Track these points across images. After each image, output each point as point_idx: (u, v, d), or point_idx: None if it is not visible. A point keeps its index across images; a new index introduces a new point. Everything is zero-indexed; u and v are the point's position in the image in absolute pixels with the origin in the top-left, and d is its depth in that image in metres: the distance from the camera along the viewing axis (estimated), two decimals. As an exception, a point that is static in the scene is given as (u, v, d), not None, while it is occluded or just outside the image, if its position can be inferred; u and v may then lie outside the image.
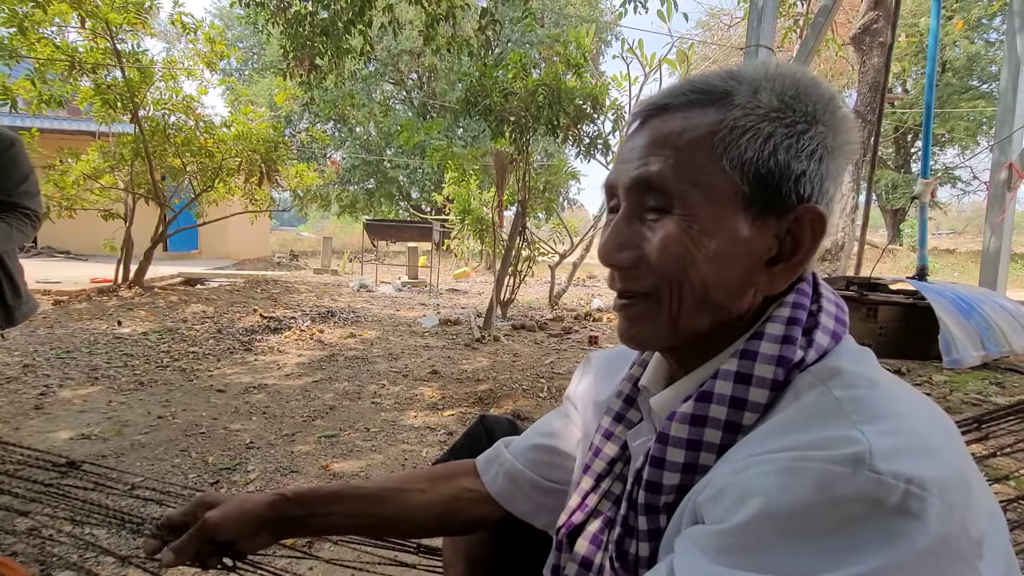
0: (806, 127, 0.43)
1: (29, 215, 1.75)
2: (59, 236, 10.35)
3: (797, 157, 0.43)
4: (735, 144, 0.43)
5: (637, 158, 0.46)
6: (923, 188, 4.31)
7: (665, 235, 0.44)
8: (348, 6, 4.85)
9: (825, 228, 0.44)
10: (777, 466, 0.35)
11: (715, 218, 0.44)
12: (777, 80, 0.44)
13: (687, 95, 0.46)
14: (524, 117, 5.02)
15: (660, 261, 0.45)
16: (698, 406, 0.44)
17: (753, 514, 0.34)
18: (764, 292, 0.46)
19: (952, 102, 16.34)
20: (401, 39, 6.81)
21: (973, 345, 3.48)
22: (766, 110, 0.43)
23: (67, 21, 5.32)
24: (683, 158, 0.44)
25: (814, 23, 4.18)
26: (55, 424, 2.45)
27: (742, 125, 0.43)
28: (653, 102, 0.48)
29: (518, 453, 0.69)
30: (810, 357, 0.43)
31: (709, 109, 0.45)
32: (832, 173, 0.45)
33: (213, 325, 4.76)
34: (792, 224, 0.45)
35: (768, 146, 0.43)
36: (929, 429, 0.36)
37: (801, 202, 0.44)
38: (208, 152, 6.39)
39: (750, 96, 0.44)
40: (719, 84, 0.45)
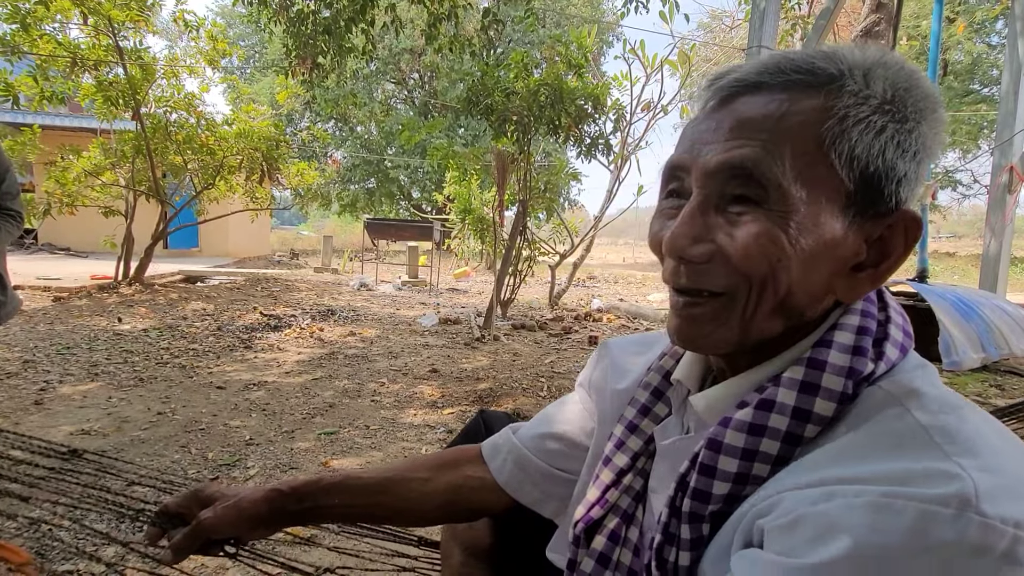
0: (914, 125, 0.40)
1: (12, 215, 1.75)
2: (60, 233, 10.37)
3: (903, 157, 0.40)
4: (845, 136, 0.39)
5: (723, 140, 0.41)
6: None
7: (758, 232, 0.39)
8: (350, 5, 4.85)
9: (919, 235, 0.41)
10: (867, 500, 0.32)
11: (814, 216, 0.39)
12: (891, 68, 0.40)
13: (787, 74, 0.41)
14: (526, 117, 5.03)
15: (746, 259, 0.40)
16: (758, 414, 0.41)
17: (838, 554, 0.31)
18: (845, 299, 0.43)
19: (954, 105, 16.35)
20: (403, 38, 6.83)
21: (973, 347, 3.48)
22: (879, 101, 0.39)
23: (69, 18, 5.33)
24: (785, 145, 0.39)
25: (815, 25, 4.19)
26: (55, 419, 2.46)
27: (854, 115, 0.39)
28: (741, 77, 0.42)
29: (527, 440, 0.66)
30: (880, 370, 0.40)
31: (813, 93, 0.40)
32: (923, 178, 0.42)
33: (213, 322, 4.77)
34: (885, 229, 0.41)
35: (879, 142, 0.39)
36: (1018, 464, 0.33)
37: (899, 206, 0.41)
38: (209, 150, 6.40)
39: (862, 83, 0.39)
40: (825, 66, 0.40)
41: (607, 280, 11.43)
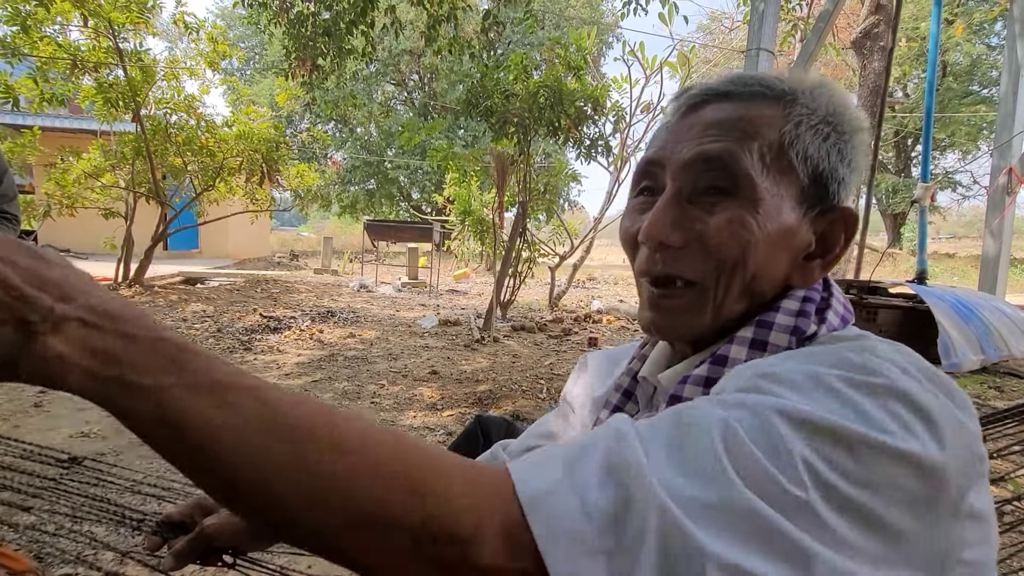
0: (849, 137, 0.46)
1: (9, 219, 1.75)
2: (60, 234, 10.36)
3: (842, 162, 0.46)
4: (801, 138, 0.44)
5: (697, 137, 0.45)
6: (923, 192, 4.31)
7: (731, 216, 0.44)
8: (350, 7, 4.86)
9: (856, 229, 0.47)
10: (791, 352, 0.40)
11: (777, 205, 0.44)
12: (830, 89, 0.47)
13: (750, 86, 0.46)
14: (525, 119, 5.03)
15: (720, 243, 0.44)
16: (712, 368, 0.44)
17: (766, 371, 0.36)
18: (800, 285, 0.47)
19: (953, 106, 16.36)
20: (402, 39, 6.84)
21: (972, 349, 3.48)
22: (824, 113, 0.45)
23: (69, 20, 5.34)
24: (753, 142, 0.44)
25: (815, 28, 4.20)
26: (54, 422, 2.46)
27: (806, 122, 0.45)
28: (712, 88, 0.47)
29: (515, 455, 0.68)
30: (821, 331, 0.44)
31: (772, 103, 0.45)
32: (854, 186, 0.47)
33: (213, 324, 4.77)
34: (829, 224, 0.46)
35: (826, 146, 0.45)
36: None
37: (839, 203, 0.47)
38: (209, 151, 6.41)
39: (810, 99, 0.46)
40: (779, 84, 0.46)
41: (607, 281, 11.44)
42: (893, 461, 0.31)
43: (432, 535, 0.29)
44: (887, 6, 7.89)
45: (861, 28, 8.21)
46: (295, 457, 0.29)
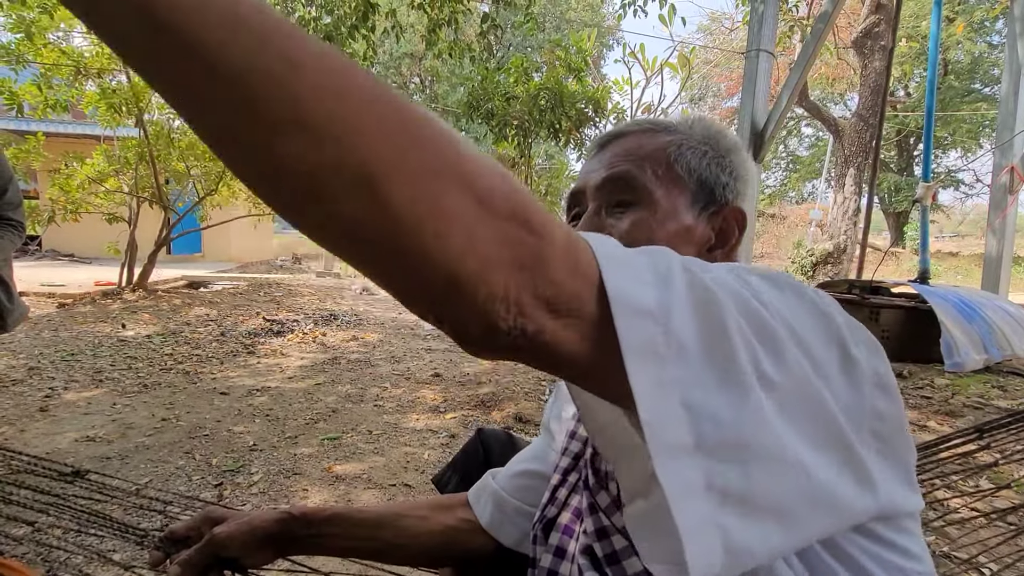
0: (724, 155, 0.58)
1: (14, 225, 1.76)
2: (64, 239, 10.42)
3: (722, 172, 0.57)
4: (682, 155, 0.56)
5: (604, 166, 0.57)
6: (924, 191, 4.31)
7: (633, 220, 0.54)
8: (352, 12, 4.88)
9: (746, 222, 0.57)
10: None
11: (671, 208, 0.54)
12: (706, 123, 0.59)
13: (640, 125, 0.59)
14: (526, 121, 5.05)
15: (630, 238, 0.52)
16: None
17: None
18: None
19: (954, 105, 16.32)
20: (403, 43, 6.86)
21: (975, 348, 3.48)
22: (700, 138, 0.58)
23: (72, 27, 5.37)
24: (647, 162, 0.55)
25: (814, 29, 4.19)
26: (60, 426, 2.47)
27: (686, 144, 0.57)
28: (612, 132, 0.60)
29: (503, 481, 0.71)
30: None
31: (660, 134, 0.58)
32: (743, 192, 0.58)
33: (216, 328, 4.79)
34: (723, 221, 0.56)
35: (705, 159, 0.56)
36: None
37: (728, 204, 0.57)
38: (212, 156, 6.43)
39: (688, 129, 0.58)
40: (661, 121, 0.59)
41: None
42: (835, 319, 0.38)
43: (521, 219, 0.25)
44: (887, 5, 7.89)
45: (861, 27, 8.21)
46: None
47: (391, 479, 2.08)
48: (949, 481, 1.79)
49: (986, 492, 1.38)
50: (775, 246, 17.34)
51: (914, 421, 2.86)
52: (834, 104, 18.73)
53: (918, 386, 3.52)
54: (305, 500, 1.89)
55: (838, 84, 13.81)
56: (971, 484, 1.42)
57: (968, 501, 1.43)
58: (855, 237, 8.73)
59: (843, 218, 8.91)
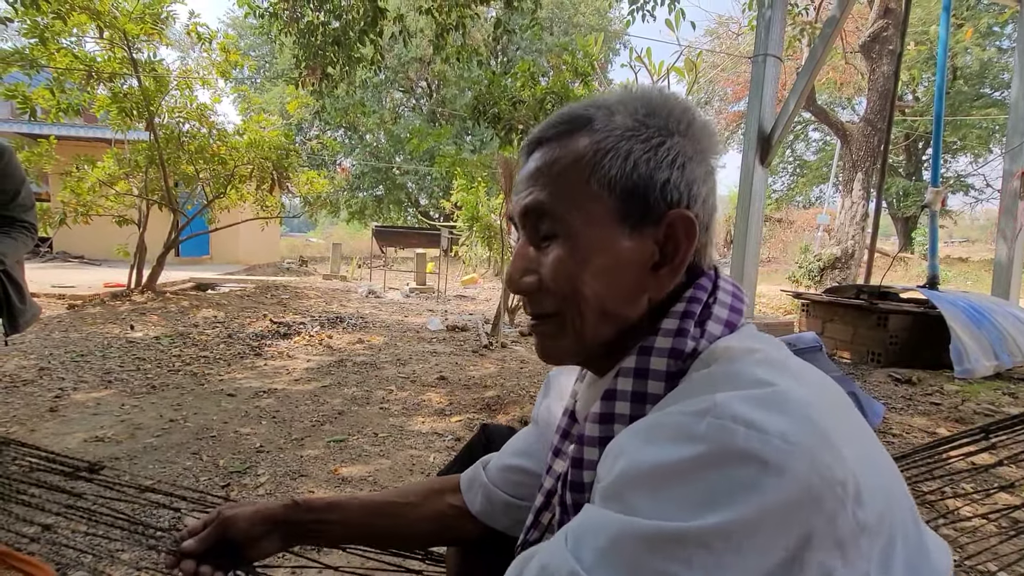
0: (662, 140, 0.47)
1: (28, 227, 1.79)
2: (74, 241, 10.54)
3: (659, 168, 0.46)
4: (599, 166, 0.46)
5: (524, 189, 0.50)
6: (933, 196, 4.28)
7: (554, 258, 0.48)
8: (360, 17, 4.92)
9: (695, 229, 0.46)
10: (643, 425, 0.39)
11: (596, 236, 0.47)
12: (630, 102, 0.48)
13: (557, 127, 0.50)
14: (532, 125, 5.05)
15: (554, 283, 0.48)
16: (605, 404, 0.46)
17: (623, 468, 0.37)
18: (655, 296, 0.48)
19: (964, 110, 16.22)
20: (411, 47, 6.91)
21: (985, 355, 3.45)
22: (622, 130, 0.47)
23: (85, 31, 5.44)
24: (558, 185, 0.48)
25: (822, 33, 4.19)
26: (69, 426, 2.49)
27: (604, 147, 0.47)
28: (533, 136, 0.51)
29: (493, 473, 0.71)
30: (702, 346, 0.45)
31: (577, 136, 0.48)
32: (699, 176, 0.48)
33: (224, 330, 4.82)
34: (666, 229, 0.47)
35: (628, 163, 0.46)
36: (792, 391, 0.36)
37: (672, 208, 0.47)
38: (221, 159, 6.49)
39: (607, 120, 0.48)
40: (581, 112, 0.49)
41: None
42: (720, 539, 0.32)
43: None
44: (896, 10, 7.86)
45: (870, 32, 8.18)
46: None
47: (397, 481, 2.09)
48: (958, 489, 1.77)
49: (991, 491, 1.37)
50: (782, 251, 17.25)
51: (923, 428, 2.84)
52: (842, 108, 18.66)
53: (927, 392, 3.49)
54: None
55: (846, 88, 13.76)
56: (978, 489, 1.41)
57: (977, 510, 1.42)
58: (863, 242, 8.68)
59: (851, 223, 8.86)
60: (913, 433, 2.76)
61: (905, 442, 2.61)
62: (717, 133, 0.50)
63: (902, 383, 3.69)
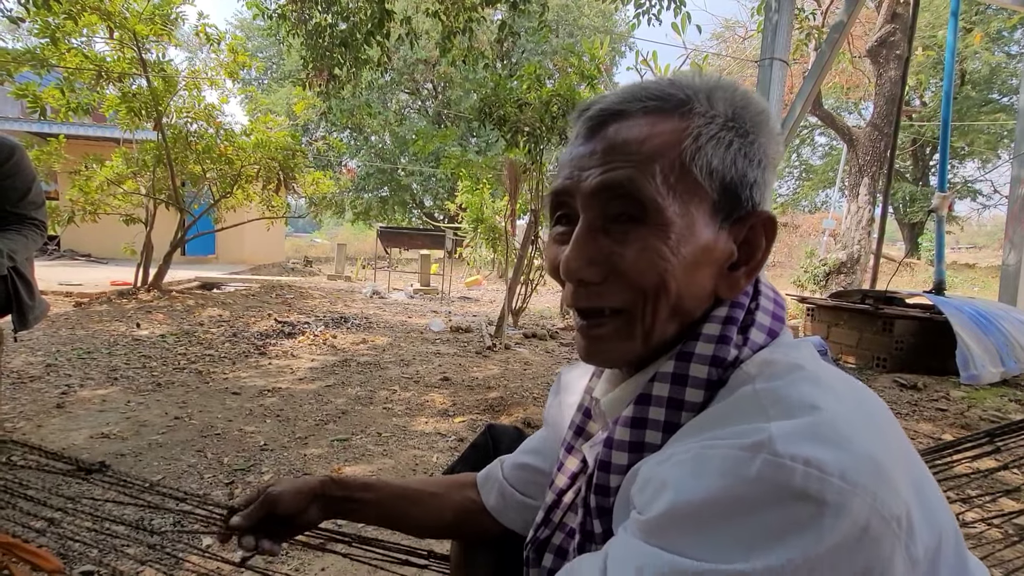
0: (754, 137, 0.45)
1: (37, 225, 1.80)
2: (81, 240, 10.62)
3: (750, 166, 0.44)
4: (702, 152, 0.43)
5: (599, 164, 0.44)
6: (940, 202, 4.26)
7: (643, 246, 0.43)
8: (367, 18, 4.95)
9: (776, 232, 0.45)
10: (689, 456, 0.36)
11: (689, 226, 0.43)
12: (728, 90, 0.45)
13: (643, 101, 0.45)
14: (537, 128, 5.07)
15: (638, 275, 0.43)
16: (638, 409, 0.44)
17: (667, 505, 0.35)
18: (726, 296, 0.46)
19: (972, 115, 16.14)
20: (417, 49, 6.93)
21: (992, 361, 3.43)
22: (724, 119, 0.44)
23: (95, 32, 5.49)
24: (654, 165, 0.43)
25: (829, 37, 4.18)
26: (76, 423, 2.51)
27: (706, 133, 0.43)
28: (607, 107, 0.46)
29: (508, 470, 0.72)
30: (744, 355, 0.43)
31: (669, 116, 0.44)
32: (771, 182, 0.47)
33: (229, 329, 4.84)
34: (748, 230, 0.45)
35: (730, 154, 0.43)
36: (843, 418, 0.35)
37: (755, 208, 0.45)
38: (228, 159, 6.53)
39: (707, 105, 0.44)
40: (674, 92, 0.45)
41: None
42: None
43: None
44: (903, 15, 7.84)
45: (877, 36, 8.16)
46: None
47: (399, 481, 2.09)
48: (963, 494, 1.76)
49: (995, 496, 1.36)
50: (787, 255, 17.19)
51: (928, 434, 2.82)
52: (848, 113, 18.60)
53: (933, 398, 3.47)
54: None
55: (852, 93, 13.72)
56: (982, 494, 1.40)
57: (982, 515, 1.41)
58: (869, 247, 8.64)
59: (857, 228, 8.82)
60: (919, 439, 2.74)
61: (910, 448, 2.59)
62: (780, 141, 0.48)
63: (908, 389, 3.67)
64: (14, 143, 1.76)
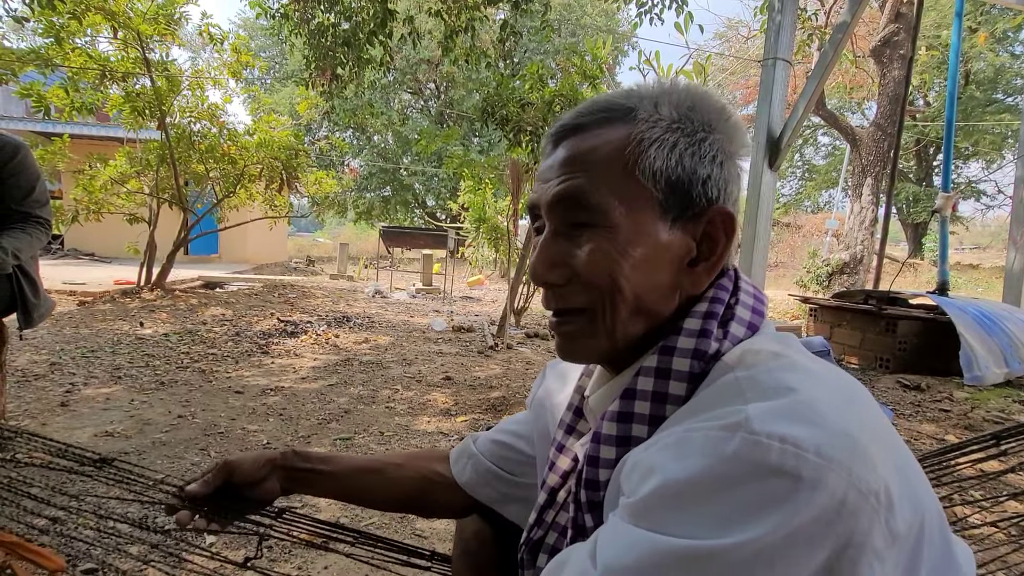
0: (705, 135, 0.46)
1: (42, 223, 1.81)
2: (85, 239, 10.65)
3: (701, 163, 0.46)
4: (644, 155, 0.45)
5: (556, 176, 0.48)
6: (943, 202, 4.25)
7: (592, 248, 0.46)
8: (370, 18, 4.95)
9: (735, 226, 0.47)
10: (672, 439, 0.38)
11: (637, 227, 0.46)
12: (674, 94, 0.47)
13: (596, 114, 0.48)
14: (540, 127, 5.06)
15: (591, 275, 0.47)
16: (624, 403, 0.46)
17: (653, 486, 0.36)
18: (689, 291, 0.48)
19: (976, 115, 16.07)
20: (420, 49, 6.94)
21: (995, 362, 3.41)
22: (668, 121, 0.46)
23: (99, 32, 5.51)
24: (600, 173, 0.46)
25: (832, 38, 4.17)
26: (80, 421, 2.52)
27: (648, 137, 0.46)
28: (566, 123, 0.50)
29: (482, 445, 0.74)
30: (725, 348, 0.44)
31: (618, 125, 0.47)
32: (733, 176, 0.48)
33: (231, 328, 4.85)
34: (706, 225, 0.47)
35: (674, 154, 0.45)
36: (819, 399, 0.36)
37: (711, 204, 0.47)
38: (231, 159, 6.55)
39: (652, 110, 0.47)
40: (623, 101, 0.48)
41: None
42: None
43: None
44: (907, 14, 7.81)
45: (880, 36, 8.13)
46: None
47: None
48: (967, 497, 1.75)
49: (1000, 498, 1.36)
50: (790, 255, 17.16)
51: (932, 435, 2.81)
52: (851, 113, 18.55)
53: (936, 399, 3.46)
54: (317, 499, 1.91)
55: (856, 93, 13.68)
56: (987, 496, 1.39)
57: (986, 518, 1.41)
58: (872, 247, 8.62)
59: (860, 228, 8.80)
60: (922, 440, 2.73)
61: (914, 449, 2.59)
62: (746, 131, 0.49)
63: (911, 389, 3.66)
64: (18, 142, 1.76)
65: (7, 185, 1.73)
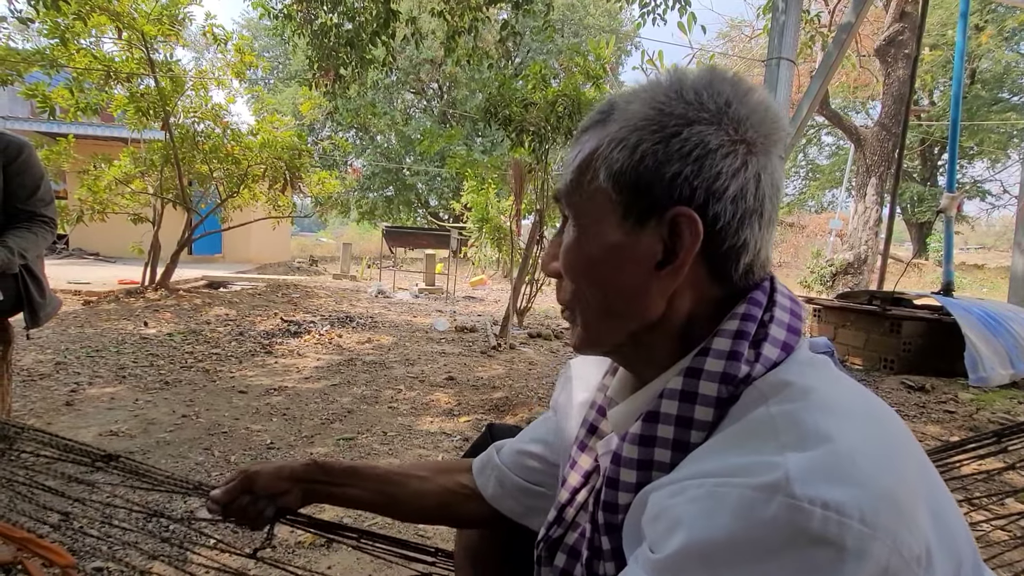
0: (677, 130, 0.43)
1: (47, 222, 1.82)
2: (89, 238, 10.71)
3: (668, 160, 0.43)
4: (608, 158, 0.45)
5: (563, 175, 0.52)
6: (948, 202, 4.23)
7: (566, 247, 0.49)
8: (373, 19, 4.96)
9: (699, 228, 0.42)
10: (703, 492, 0.35)
11: (597, 230, 0.46)
12: (651, 91, 0.45)
13: (593, 116, 0.49)
14: (543, 128, 5.06)
15: (564, 271, 0.49)
16: (646, 426, 0.44)
17: (680, 545, 0.34)
18: (661, 296, 0.45)
19: (982, 114, 15.99)
20: (423, 49, 6.94)
21: (1001, 363, 3.40)
22: (635, 120, 0.44)
23: (104, 32, 5.54)
24: (576, 176, 0.48)
25: (836, 38, 4.15)
26: (85, 420, 2.54)
27: (616, 138, 0.45)
28: (583, 123, 0.51)
29: (506, 457, 0.72)
30: (756, 371, 0.41)
31: (599, 127, 0.48)
32: (727, 170, 0.42)
33: (235, 327, 4.87)
34: (670, 227, 0.43)
35: (636, 155, 0.43)
36: (859, 450, 0.34)
37: (681, 203, 0.43)
38: (234, 159, 6.57)
39: (624, 109, 0.46)
40: (606, 105, 0.48)
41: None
42: None
43: None
44: (912, 14, 7.78)
45: (885, 35, 8.11)
46: None
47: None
48: (968, 495, 1.75)
49: (1001, 497, 1.35)
50: (793, 255, 17.10)
51: (936, 436, 2.80)
52: (855, 112, 18.49)
53: (941, 400, 3.44)
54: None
55: (860, 92, 13.62)
56: (988, 494, 1.39)
57: (987, 516, 1.40)
58: (876, 248, 8.59)
59: (864, 228, 8.76)
60: (926, 441, 2.72)
61: (917, 450, 2.58)
62: (776, 120, 0.44)
63: (915, 391, 3.65)
64: (23, 141, 1.78)
65: (12, 184, 1.75)
